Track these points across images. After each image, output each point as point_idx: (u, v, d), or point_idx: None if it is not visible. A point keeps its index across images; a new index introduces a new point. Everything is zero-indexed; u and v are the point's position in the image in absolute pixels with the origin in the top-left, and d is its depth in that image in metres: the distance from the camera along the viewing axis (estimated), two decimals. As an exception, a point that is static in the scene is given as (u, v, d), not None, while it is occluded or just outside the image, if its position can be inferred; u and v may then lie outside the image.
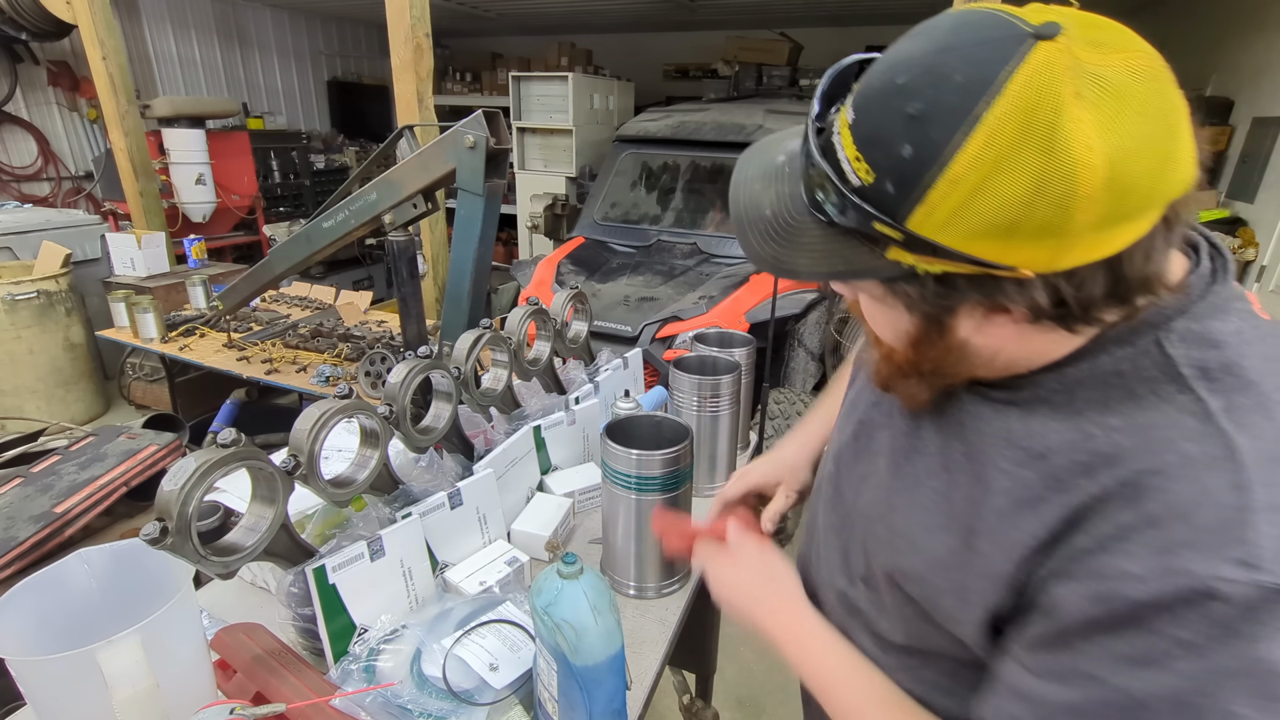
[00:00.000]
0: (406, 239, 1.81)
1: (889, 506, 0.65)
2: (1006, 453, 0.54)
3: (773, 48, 6.01)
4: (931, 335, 0.53)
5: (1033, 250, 0.43)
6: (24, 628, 0.76)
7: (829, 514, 0.76)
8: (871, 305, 0.57)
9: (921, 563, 0.60)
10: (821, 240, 0.50)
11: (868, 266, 0.49)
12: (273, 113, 6.58)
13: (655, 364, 2.54)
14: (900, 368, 0.58)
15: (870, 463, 0.69)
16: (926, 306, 0.50)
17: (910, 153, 0.42)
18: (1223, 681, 0.43)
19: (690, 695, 1.79)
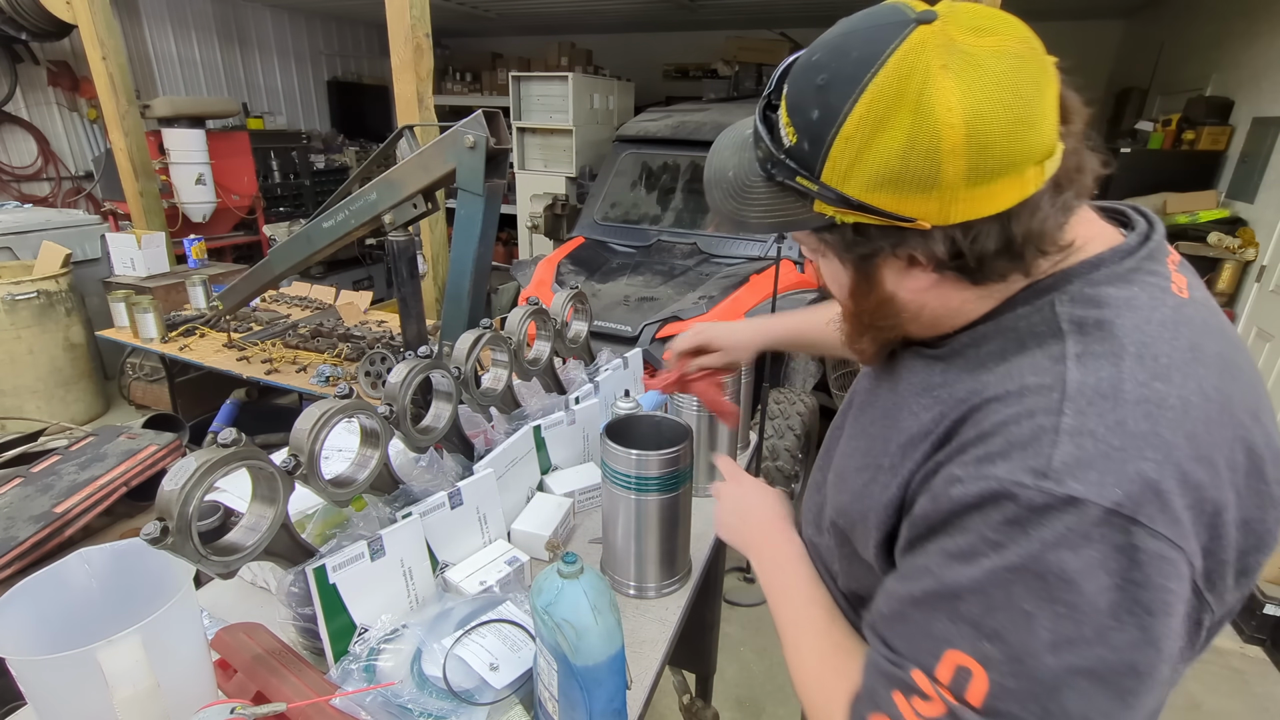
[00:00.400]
0: (406, 239, 1.81)
1: (842, 454, 0.74)
2: (921, 399, 0.62)
3: (773, 48, 6.01)
4: (863, 286, 0.61)
5: (922, 202, 0.51)
6: (24, 628, 0.76)
7: (817, 473, 0.85)
8: (820, 263, 0.66)
9: (848, 497, 0.69)
10: (768, 197, 0.59)
11: (800, 218, 0.57)
12: (273, 113, 6.59)
13: (655, 364, 2.54)
14: (849, 324, 0.68)
15: (842, 423, 0.80)
16: (851, 256, 0.59)
17: (817, 115, 0.52)
18: (1014, 578, 0.49)
19: (690, 695, 1.79)
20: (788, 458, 2.76)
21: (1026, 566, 0.48)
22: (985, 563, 0.50)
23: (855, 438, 0.72)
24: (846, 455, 0.73)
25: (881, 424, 0.67)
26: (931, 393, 0.61)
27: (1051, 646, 0.48)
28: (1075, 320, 0.55)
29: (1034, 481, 0.49)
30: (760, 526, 0.85)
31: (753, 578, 2.81)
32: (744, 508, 0.88)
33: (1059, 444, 0.49)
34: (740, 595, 2.73)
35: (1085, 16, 6.20)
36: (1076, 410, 0.50)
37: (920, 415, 0.61)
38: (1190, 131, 4.16)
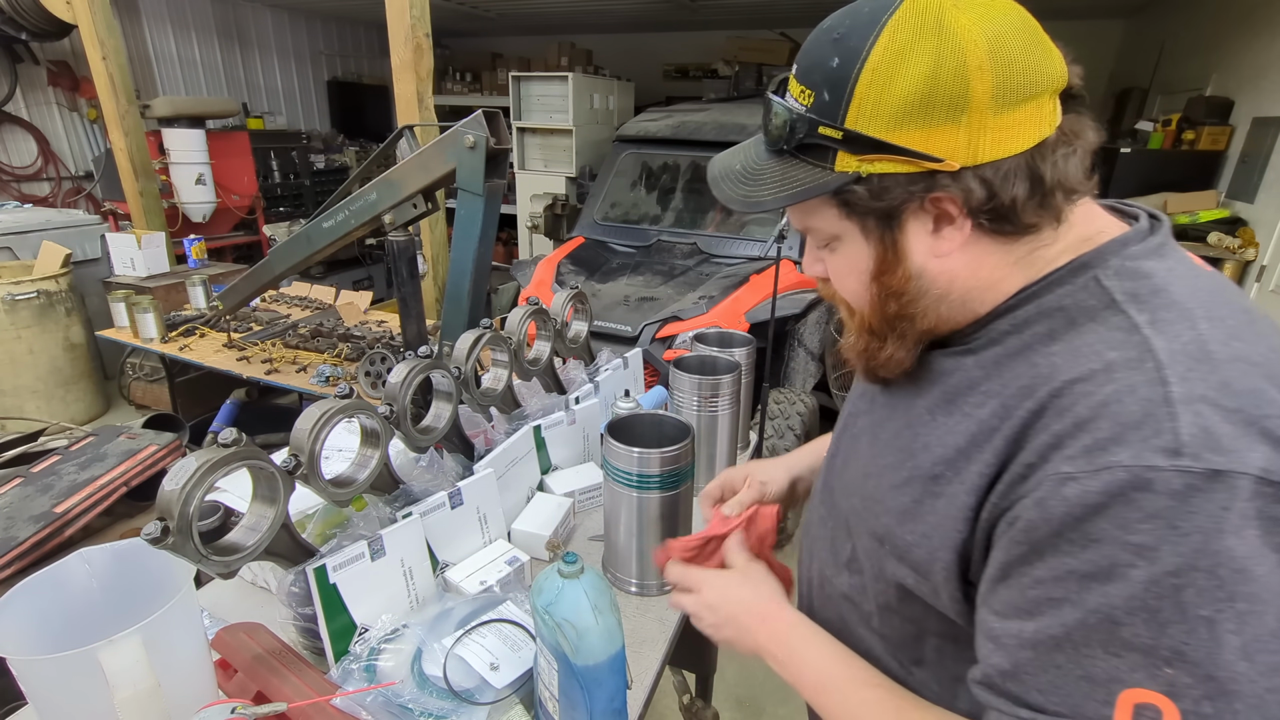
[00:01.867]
0: (406, 239, 1.81)
1: (864, 476, 0.67)
2: (967, 397, 0.57)
3: (773, 48, 6.01)
4: (889, 258, 0.57)
5: (951, 134, 0.50)
6: (25, 627, 0.76)
7: (819, 508, 0.79)
8: (834, 259, 0.62)
9: (892, 519, 0.61)
10: (780, 172, 0.58)
11: (820, 181, 0.55)
12: (273, 113, 6.58)
13: (655, 364, 2.54)
14: (873, 327, 0.62)
15: (851, 446, 0.73)
16: (875, 219, 0.56)
17: (837, 62, 0.52)
18: (1181, 582, 0.42)
19: (690, 695, 1.79)
20: (788, 458, 2.76)
21: (1192, 565, 0.42)
22: (1137, 573, 0.43)
23: (880, 455, 0.66)
24: (872, 475, 0.66)
25: (913, 433, 0.61)
26: (977, 389, 0.57)
27: (1243, 651, 0.42)
28: (1128, 292, 0.52)
29: (1169, 462, 0.43)
30: (755, 624, 0.74)
31: (753, 578, 2.81)
32: (724, 611, 0.77)
33: (1178, 415, 0.44)
34: (740, 595, 2.73)
35: (1085, 16, 6.21)
36: (1179, 377, 0.46)
37: (971, 414, 0.56)
38: (1190, 131, 4.16)
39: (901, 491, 0.61)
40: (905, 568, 0.61)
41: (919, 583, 0.60)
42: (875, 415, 0.69)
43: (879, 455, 0.66)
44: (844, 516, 0.71)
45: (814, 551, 0.79)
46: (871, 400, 0.71)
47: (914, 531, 0.59)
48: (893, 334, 0.61)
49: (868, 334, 0.63)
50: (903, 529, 0.60)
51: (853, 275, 0.61)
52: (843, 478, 0.73)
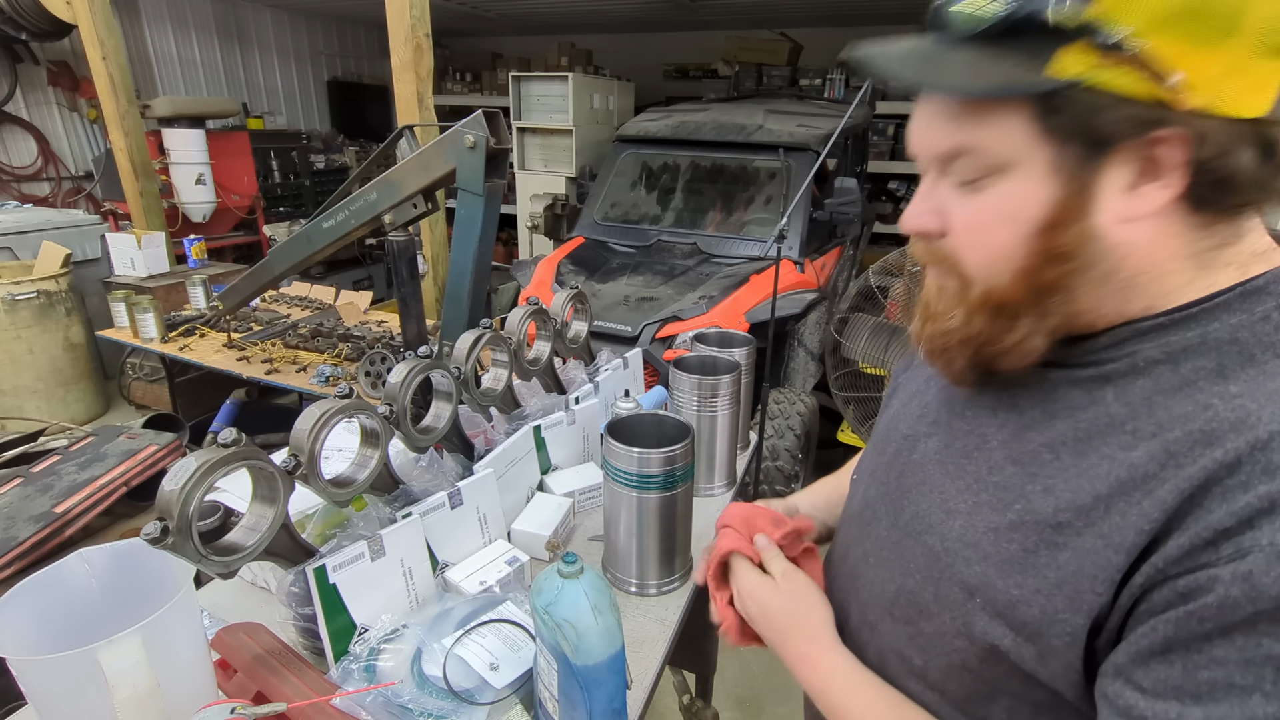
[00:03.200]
0: (406, 239, 1.81)
1: (945, 513, 0.57)
2: (1109, 437, 0.48)
3: (773, 48, 6.01)
4: (1073, 207, 0.46)
5: (1206, 60, 0.41)
6: (24, 627, 0.76)
7: (861, 543, 0.68)
8: (978, 200, 0.50)
9: (991, 569, 0.52)
10: (967, 62, 0.47)
11: (1027, 81, 0.44)
12: (273, 113, 6.58)
13: (655, 364, 2.54)
14: (1005, 302, 0.50)
15: (918, 474, 0.62)
16: (1082, 147, 0.45)
17: None
18: None
19: (690, 695, 1.79)
20: (788, 458, 2.76)
21: None
22: None
23: (967, 491, 0.56)
24: (958, 514, 0.56)
25: (1024, 471, 0.52)
26: (1120, 428, 0.48)
27: None
28: None
29: None
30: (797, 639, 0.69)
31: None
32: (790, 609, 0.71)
33: None
34: (740, 595, 2.73)
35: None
36: None
37: (1115, 457, 0.47)
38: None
39: (1006, 538, 0.51)
40: (1003, 626, 0.51)
41: (1018, 645, 0.51)
42: (952, 442, 0.59)
43: (966, 491, 0.56)
44: (913, 558, 0.60)
45: (852, 589, 0.70)
46: (941, 425, 0.62)
47: (1024, 586, 0.50)
48: (1033, 312, 0.50)
49: (992, 312, 0.51)
50: (1007, 581, 0.51)
51: (1007, 225, 0.49)
52: (910, 511, 0.62)
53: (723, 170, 3.68)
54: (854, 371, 2.99)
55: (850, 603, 0.70)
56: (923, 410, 0.65)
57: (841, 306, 3.05)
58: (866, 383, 2.98)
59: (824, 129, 3.43)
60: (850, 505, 0.75)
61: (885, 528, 0.64)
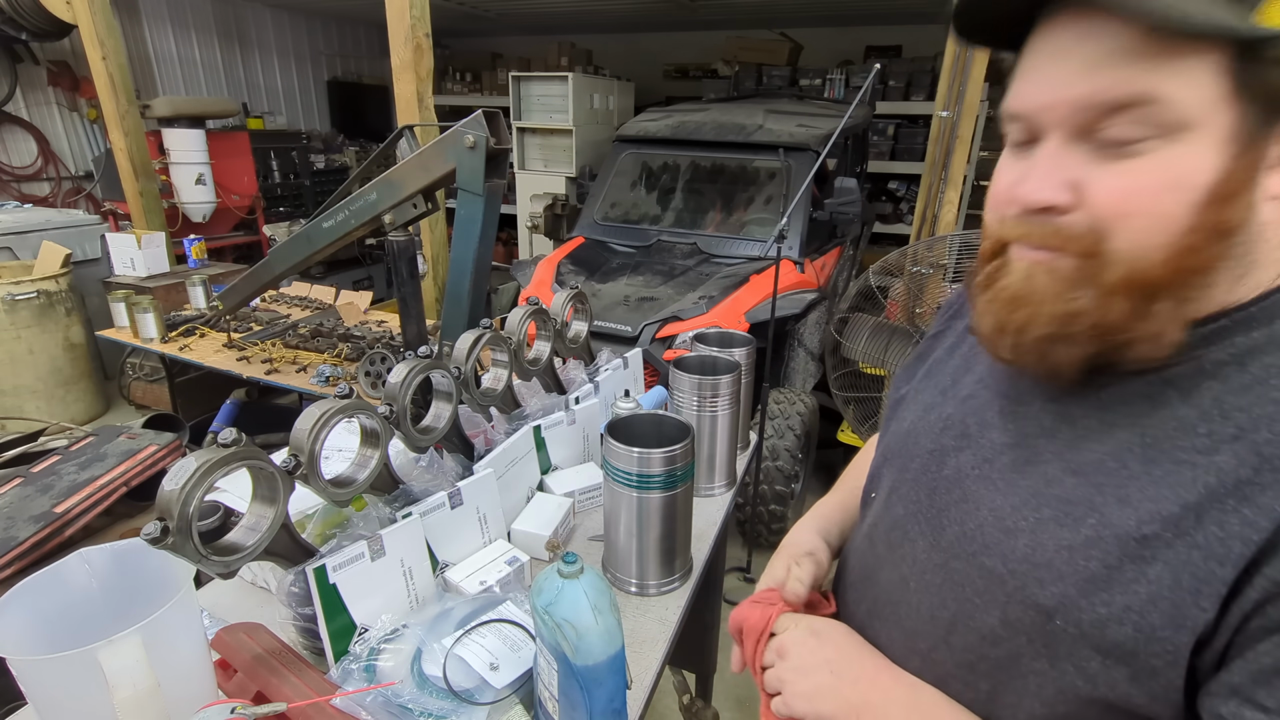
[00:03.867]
0: (406, 239, 1.81)
1: (1004, 532, 0.53)
2: (1183, 440, 0.46)
3: (773, 48, 6.01)
4: (1245, 179, 0.42)
5: None
6: (24, 627, 0.76)
7: (896, 566, 0.63)
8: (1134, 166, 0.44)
9: (1071, 588, 0.48)
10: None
11: (1229, 25, 0.39)
12: (273, 113, 6.58)
13: (655, 364, 2.54)
14: (1149, 283, 0.45)
15: (953, 491, 0.58)
16: (1260, 111, 0.41)
17: None
18: None
19: (690, 695, 1.79)
20: (788, 458, 2.76)
21: None
22: None
23: (1026, 506, 0.52)
24: (1019, 531, 0.52)
25: (1089, 483, 0.49)
26: (1193, 430, 0.45)
27: None
28: None
29: None
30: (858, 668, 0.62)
31: (753, 578, 2.81)
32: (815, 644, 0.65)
33: None
34: (740, 595, 2.73)
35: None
36: None
37: (1195, 462, 0.45)
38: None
39: (1083, 555, 0.48)
40: (1088, 649, 0.48)
41: (1108, 668, 0.47)
42: (994, 456, 0.56)
43: (1024, 507, 0.52)
44: (968, 581, 0.56)
45: (891, 616, 0.64)
46: (971, 438, 0.58)
47: (1111, 604, 0.46)
48: (1175, 296, 0.45)
49: (1137, 295, 0.45)
50: (1091, 600, 0.47)
51: (1172, 194, 0.43)
52: (953, 531, 0.58)
53: (723, 170, 3.68)
54: (854, 371, 2.99)
55: (891, 630, 0.64)
56: (945, 424, 0.61)
57: (841, 306, 3.05)
58: (866, 383, 2.98)
59: (824, 129, 3.43)
60: (868, 523, 0.71)
61: (924, 549, 0.60)
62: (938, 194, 2.73)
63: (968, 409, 0.60)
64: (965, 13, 0.48)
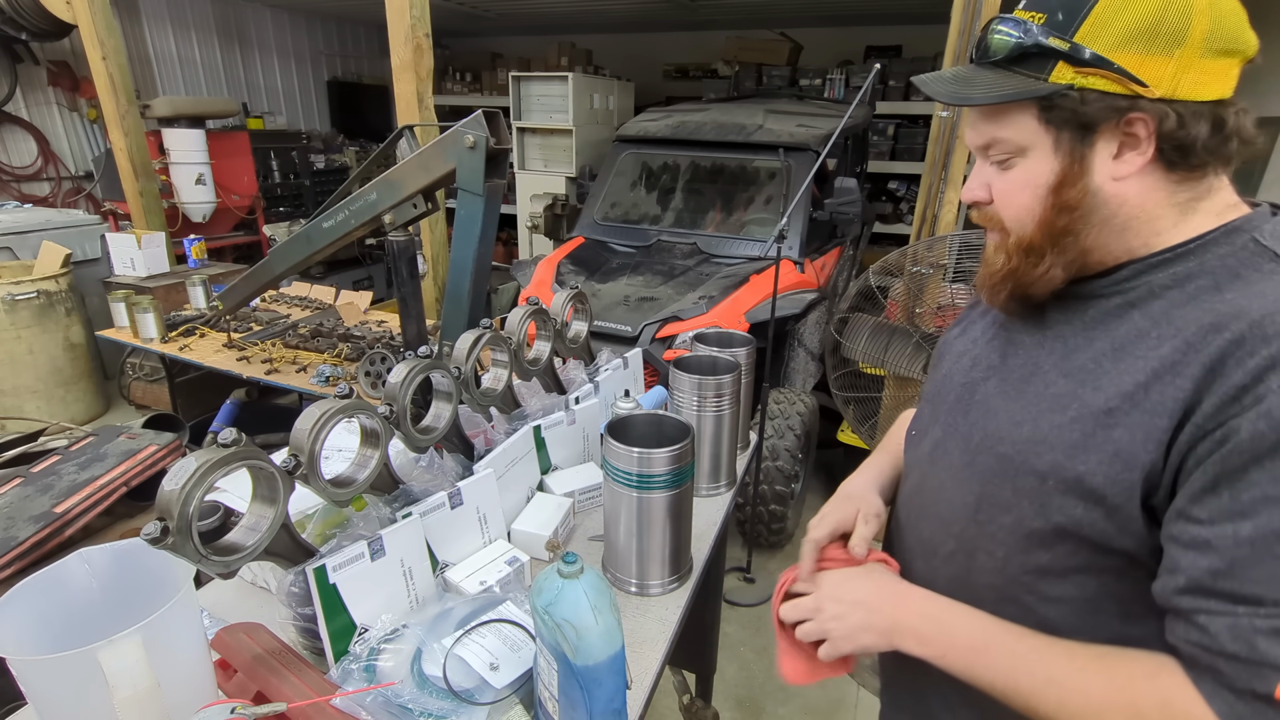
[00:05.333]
0: (406, 239, 1.81)
1: (1014, 424, 0.70)
2: (1141, 344, 0.63)
3: (773, 48, 6.01)
4: (1073, 172, 0.64)
5: (1162, 65, 0.59)
6: (24, 628, 0.76)
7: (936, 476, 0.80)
8: (1009, 175, 0.69)
9: (1059, 454, 0.65)
10: (993, 80, 0.66)
11: (1033, 88, 0.63)
12: (273, 113, 6.58)
13: (655, 364, 2.54)
14: (1033, 244, 0.68)
15: (981, 409, 0.76)
16: (1071, 131, 0.63)
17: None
18: None
19: (690, 695, 1.79)
20: (788, 458, 2.76)
21: None
22: None
23: (1031, 405, 0.70)
24: (1025, 422, 0.69)
25: (1076, 381, 0.66)
26: (1148, 336, 0.63)
27: None
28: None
29: None
30: (888, 603, 0.76)
31: (753, 578, 2.81)
32: (849, 598, 0.78)
33: None
34: (740, 595, 2.73)
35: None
36: None
37: (1147, 356, 0.62)
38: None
39: (1069, 429, 0.65)
40: (1074, 498, 0.64)
41: (1088, 510, 0.64)
42: (1009, 376, 0.74)
43: (1030, 406, 0.70)
44: (988, 466, 0.73)
45: (933, 512, 0.81)
46: (994, 369, 0.77)
47: (1087, 462, 0.63)
48: (1054, 249, 0.67)
49: (1023, 252, 0.69)
50: (1073, 461, 0.64)
51: (1028, 190, 0.67)
52: (978, 435, 0.75)
53: (723, 170, 3.68)
54: (854, 371, 2.99)
55: (932, 524, 0.81)
56: (974, 363, 0.80)
57: (841, 306, 3.05)
58: (866, 383, 2.98)
59: (824, 129, 3.43)
60: (914, 454, 0.88)
61: (958, 454, 0.77)
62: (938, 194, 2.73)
63: (991, 348, 0.79)
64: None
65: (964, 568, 0.76)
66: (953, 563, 0.78)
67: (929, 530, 0.82)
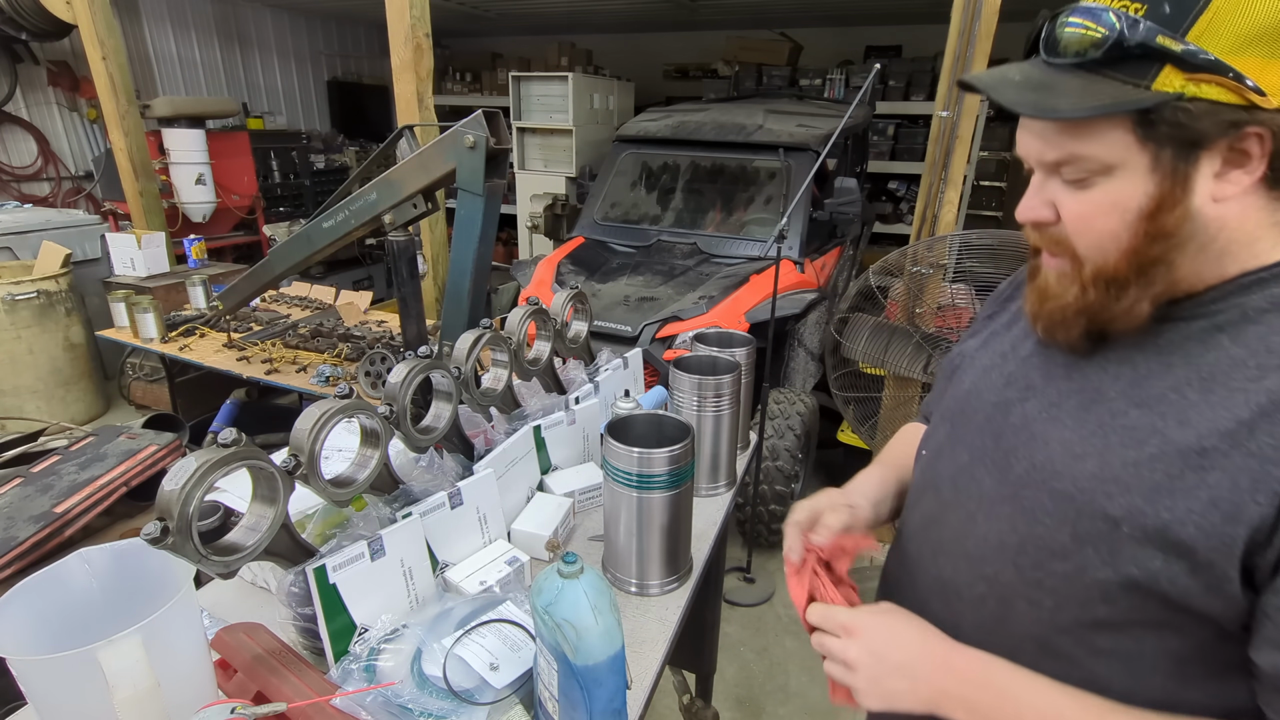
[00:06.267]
0: (406, 239, 1.81)
1: (1073, 458, 0.62)
2: (1235, 373, 0.56)
3: (773, 48, 6.01)
4: (1171, 195, 0.55)
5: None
6: (24, 627, 0.76)
7: (962, 505, 0.72)
8: (1086, 196, 0.59)
9: (1138, 498, 0.57)
10: (1078, 86, 0.55)
11: (1131, 98, 0.53)
12: (273, 113, 6.58)
13: (655, 364, 2.54)
14: (1115, 275, 0.59)
15: (1020, 434, 0.68)
16: (1174, 148, 0.54)
17: None
18: None
19: (690, 695, 1.79)
20: (788, 458, 2.76)
21: None
22: None
23: (1095, 435, 0.61)
24: (1088, 455, 0.61)
25: (1154, 411, 0.58)
26: (1245, 365, 0.55)
27: None
28: None
29: None
30: (935, 669, 0.67)
31: (753, 578, 2.81)
32: (892, 658, 0.68)
33: None
34: (740, 595, 2.73)
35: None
36: None
37: (1247, 389, 0.54)
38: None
39: (1148, 468, 0.57)
40: (1153, 549, 0.56)
41: (1169, 564, 0.56)
42: (1061, 400, 0.65)
43: (1093, 436, 0.62)
44: (1038, 505, 0.64)
45: (957, 549, 0.73)
46: (1035, 389, 0.68)
47: (1174, 509, 0.55)
48: (1140, 282, 0.58)
49: (1103, 284, 0.60)
50: (1155, 506, 0.56)
51: (1113, 214, 0.58)
52: (1022, 466, 0.66)
53: (723, 170, 3.68)
54: (854, 371, 2.99)
55: (957, 563, 0.72)
56: (1008, 379, 0.72)
57: (841, 306, 3.05)
58: (866, 383, 2.98)
59: (824, 129, 3.43)
60: (928, 478, 0.79)
61: (991, 486, 0.69)
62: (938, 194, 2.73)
63: (1030, 365, 0.70)
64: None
65: (997, 615, 0.68)
66: (981, 608, 0.70)
67: (951, 569, 0.73)
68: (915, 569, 0.79)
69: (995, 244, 2.55)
